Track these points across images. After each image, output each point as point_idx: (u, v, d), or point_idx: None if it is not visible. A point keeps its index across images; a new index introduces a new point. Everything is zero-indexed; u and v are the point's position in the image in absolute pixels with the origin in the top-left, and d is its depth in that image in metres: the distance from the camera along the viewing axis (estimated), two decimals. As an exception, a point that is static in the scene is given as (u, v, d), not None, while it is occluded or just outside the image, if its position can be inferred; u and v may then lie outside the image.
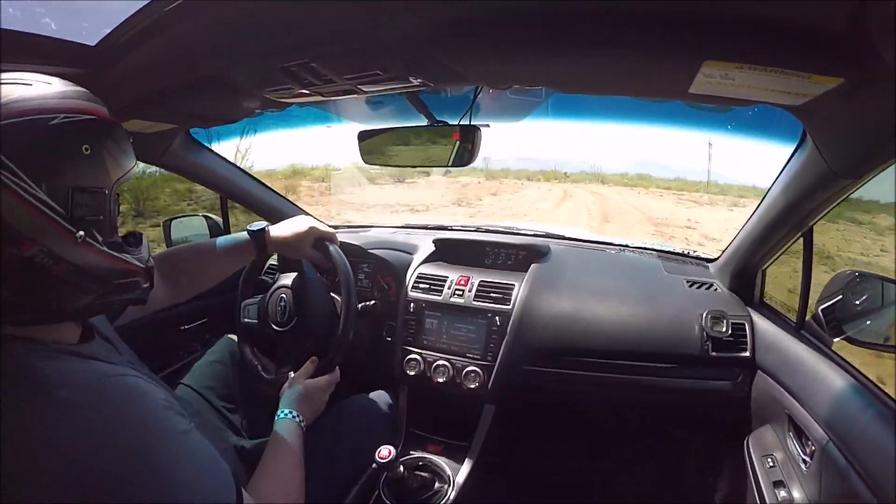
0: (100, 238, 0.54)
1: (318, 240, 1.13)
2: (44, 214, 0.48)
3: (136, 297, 0.64)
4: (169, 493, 0.49)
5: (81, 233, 0.51)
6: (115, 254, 0.57)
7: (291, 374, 1.05)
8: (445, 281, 1.43)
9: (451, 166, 0.98)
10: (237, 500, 0.56)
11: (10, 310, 0.49)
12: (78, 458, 0.45)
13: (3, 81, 0.49)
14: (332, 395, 1.09)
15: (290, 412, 0.92)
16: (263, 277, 1.39)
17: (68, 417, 0.46)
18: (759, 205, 1.10)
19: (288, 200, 1.82)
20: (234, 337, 1.26)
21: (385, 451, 0.96)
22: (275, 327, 1.17)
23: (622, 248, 1.68)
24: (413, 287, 1.45)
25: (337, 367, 1.08)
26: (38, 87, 0.51)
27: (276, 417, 0.91)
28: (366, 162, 1.10)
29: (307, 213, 1.89)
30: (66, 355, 0.52)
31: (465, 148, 0.94)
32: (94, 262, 0.53)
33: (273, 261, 1.65)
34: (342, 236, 1.62)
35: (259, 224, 1.08)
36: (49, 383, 0.47)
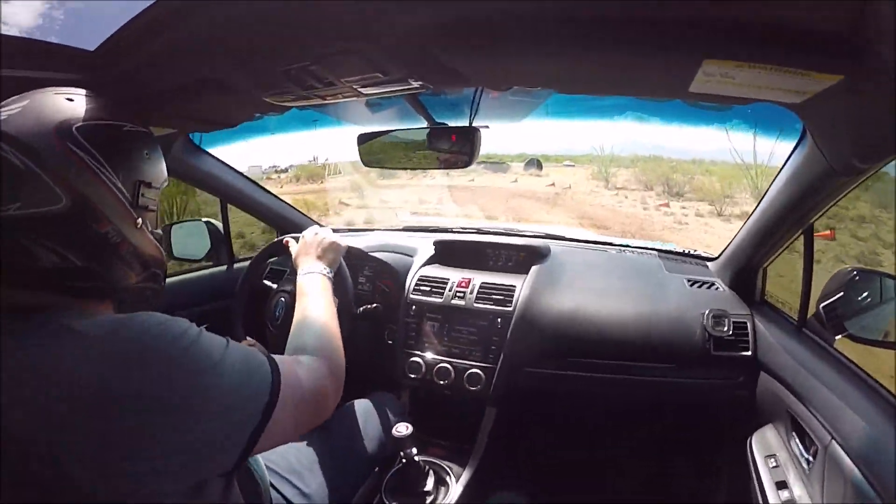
0: (150, 227, 0.64)
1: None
2: (118, 199, 0.58)
3: (153, 293, 0.69)
4: (217, 374, 0.53)
5: (140, 220, 0.61)
6: (157, 243, 0.66)
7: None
8: (446, 283, 1.43)
9: (450, 168, 0.98)
10: (275, 382, 0.59)
11: (77, 277, 0.56)
12: (141, 380, 0.48)
13: (77, 91, 0.59)
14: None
15: (310, 268, 0.95)
16: (264, 282, 1.39)
17: (91, 349, 0.49)
18: (760, 202, 1.10)
19: (288, 205, 1.82)
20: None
21: (402, 427, 0.97)
22: (275, 332, 1.17)
23: (623, 248, 1.68)
24: (414, 289, 1.45)
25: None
26: (107, 101, 0.61)
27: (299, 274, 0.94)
28: (365, 164, 1.10)
29: (303, 214, 1.89)
30: (93, 314, 0.56)
31: (465, 149, 0.94)
32: (145, 247, 0.63)
33: (273, 265, 1.65)
34: (342, 238, 1.62)
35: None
36: (73, 329, 0.50)
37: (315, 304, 0.85)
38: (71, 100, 0.57)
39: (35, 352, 0.48)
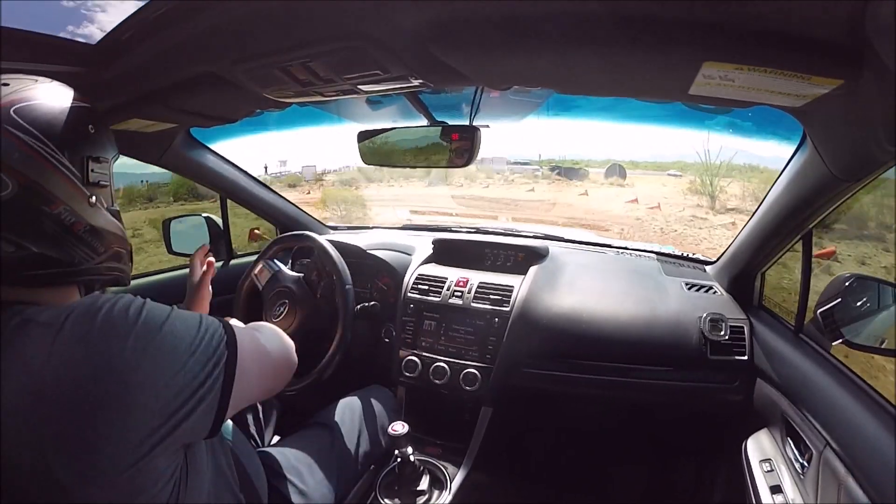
0: (105, 204, 0.63)
1: None
2: (67, 178, 0.56)
3: (122, 274, 0.69)
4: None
5: (93, 197, 0.60)
6: (116, 221, 0.65)
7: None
8: (444, 282, 1.43)
9: (451, 167, 0.98)
10: (230, 334, 0.59)
11: (36, 264, 0.55)
12: (105, 360, 0.49)
13: (12, 75, 0.57)
14: (333, 395, 1.09)
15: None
16: (264, 280, 1.39)
17: (55, 341, 0.49)
18: (759, 207, 1.10)
19: (288, 201, 1.82)
20: None
21: (398, 426, 0.97)
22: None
23: (621, 250, 1.68)
24: (412, 288, 1.45)
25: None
26: (43, 81, 0.60)
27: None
28: (365, 162, 1.10)
29: (303, 211, 1.89)
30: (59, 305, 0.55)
31: (465, 148, 0.94)
32: (102, 224, 0.62)
33: (274, 263, 1.65)
34: (341, 237, 1.62)
35: None
36: (38, 322, 0.51)
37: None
38: (7, 84, 0.55)
39: (5, 353, 0.48)
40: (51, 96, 0.58)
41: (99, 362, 0.48)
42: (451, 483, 1.19)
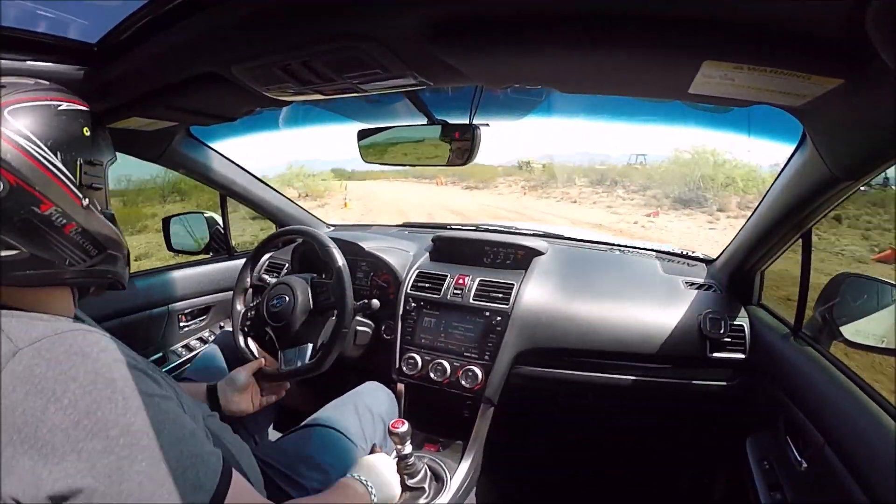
0: (99, 207, 0.63)
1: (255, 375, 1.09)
2: (59, 180, 0.57)
3: (117, 277, 0.68)
4: (121, 455, 0.47)
5: (87, 200, 0.60)
6: (110, 224, 0.65)
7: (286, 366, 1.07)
8: (444, 280, 1.43)
9: (450, 165, 0.98)
10: (221, 483, 0.54)
11: (26, 265, 0.55)
12: (28, 415, 0.45)
13: (7, 78, 0.58)
14: (332, 392, 1.09)
15: (367, 481, 0.85)
16: (263, 276, 1.39)
17: (21, 371, 0.47)
18: (759, 206, 1.10)
19: (287, 199, 1.83)
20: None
21: (399, 424, 0.97)
22: (273, 324, 1.17)
23: (621, 248, 1.68)
24: (412, 286, 1.45)
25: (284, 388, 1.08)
26: (38, 84, 0.60)
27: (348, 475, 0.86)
28: (365, 161, 1.10)
29: (302, 208, 1.90)
30: (40, 316, 0.55)
31: (465, 147, 0.94)
32: (95, 226, 0.61)
33: (273, 259, 1.66)
34: (341, 234, 1.62)
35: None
36: (11, 337, 0.50)
37: None
38: (3, 86, 0.55)
39: None
40: (46, 98, 0.58)
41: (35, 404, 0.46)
42: (450, 480, 1.20)
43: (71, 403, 0.46)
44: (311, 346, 1.16)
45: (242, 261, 1.32)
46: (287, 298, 1.17)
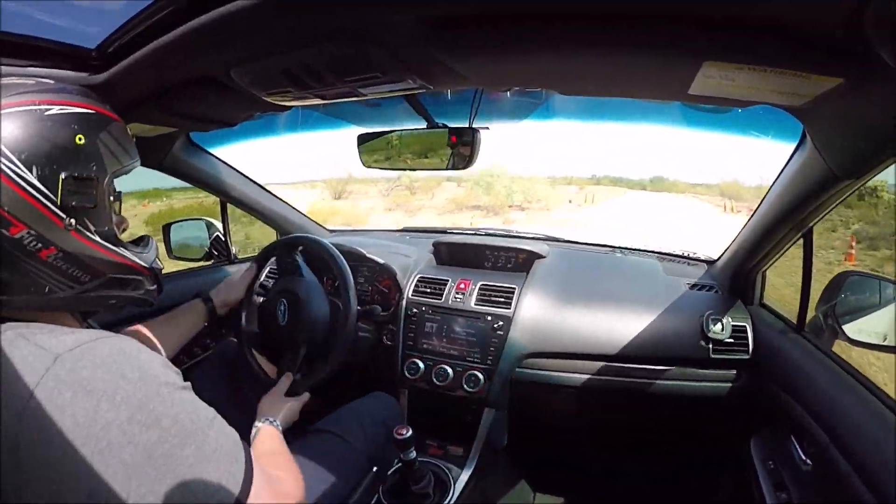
0: (92, 227, 0.56)
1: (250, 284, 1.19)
2: (33, 198, 0.50)
3: (141, 297, 0.65)
4: (174, 443, 0.48)
5: (72, 221, 0.53)
6: (110, 245, 0.58)
7: (288, 377, 1.05)
8: (445, 284, 1.43)
9: (450, 169, 0.98)
10: (247, 454, 0.55)
11: (2, 291, 0.51)
12: (79, 415, 0.45)
13: (6, 75, 0.53)
14: (335, 398, 1.08)
15: (266, 418, 0.91)
16: (264, 282, 1.38)
17: (66, 375, 0.47)
18: (759, 206, 1.10)
19: (289, 205, 1.82)
20: (236, 340, 1.25)
21: (404, 430, 0.97)
22: (275, 330, 1.17)
23: (622, 250, 1.68)
24: (413, 291, 1.45)
25: (307, 393, 1.08)
26: (38, 84, 0.54)
27: (253, 427, 0.89)
28: (365, 165, 1.10)
29: (304, 215, 1.89)
30: (59, 328, 0.53)
31: (465, 150, 0.94)
32: (84, 250, 0.55)
33: (273, 265, 1.65)
34: (341, 239, 1.62)
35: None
36: (43, 346, 0.48)
37: (272, 456, 0.79)
38: None
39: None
40: (34, 102, 0.51)
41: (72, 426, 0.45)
42: (454, 485, 1.19)
43: (123, 400, 0.47)
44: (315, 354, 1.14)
45: (243, 267, 1.31)
46: (286, 303, 1.17)
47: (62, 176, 0.52)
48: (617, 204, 16.60)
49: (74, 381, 0.47)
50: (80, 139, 0.54)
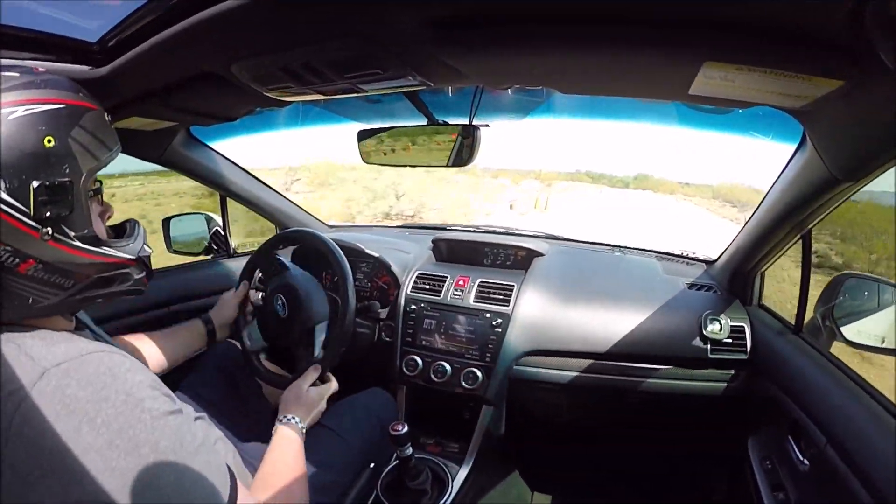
0: (71, 233, 0.53)
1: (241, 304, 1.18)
2: (4, 213, 0.47)
3: (130, 289, 0.64)
4: (152, 472, 0.47)
5: (48, 230, 0.50)
6: (91, 248, 0.56)
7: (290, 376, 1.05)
8: (444, 281, 1.43)
9: (451, 166, 0.98)
10: (232, 487, 0.55)
11: None
12: (60, 435, 0.45)
13: (7, 67, 0.50)
14: (331, 395, 1.09)
15: (291, 416, 0.92)
16: (263, 278, 1.38)
17: (50, 391, 0.46)
18: (759, 207, 1.10)
19: (288, 200, 1.82)
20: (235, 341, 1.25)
21: (399, 426, 0.97)
22: (280, 326, 1.17)
23: (621, 249, 1.68)
24: (412, 287, 1.45)
25: (334, 379, 1.08)
26: (8, 79, 0.50)
27: (276, 422, 0.91)
28: (365, 161, 1.10)
29: (303, 210, 1.90)
30: (52, 335, 0.53)
31: (465, 147, 0.94)
32: (65, 258, 0.53)
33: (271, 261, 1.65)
34: (341, 235, 1.62)
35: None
36: (33, 357, 0.48)
37: (283, 462, 0.81)
38: None
39: None
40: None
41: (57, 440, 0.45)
42: (452, 482, 1.20)
43: (104, 423, 0.46)
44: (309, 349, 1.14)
45: (243, 261, 1.31)
46: (289, 301, 1.17)
47: (33, 185, 0.48)
48: (585, 206, 14.03)
49: (58, 400, 0.46)
50: (48, 141, 0.49)
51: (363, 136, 1.05)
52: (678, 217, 12.92)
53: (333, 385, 1.06)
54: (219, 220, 1.69)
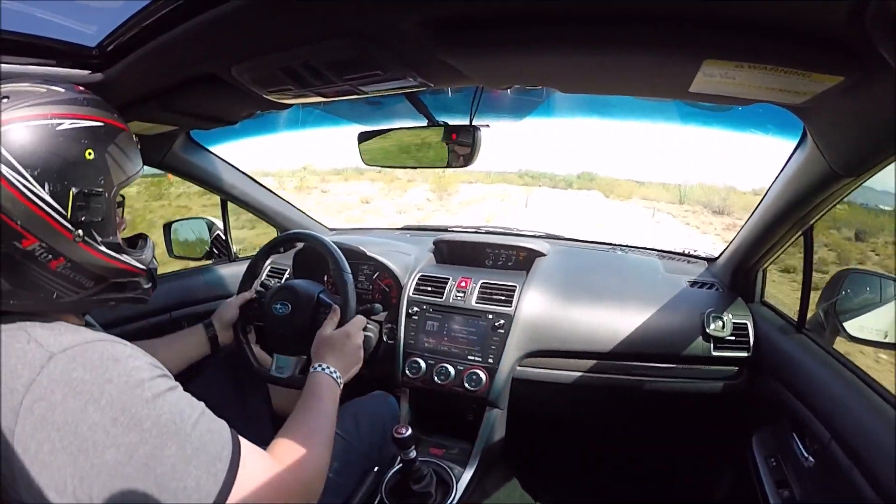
0: (98, 238, 0.58)
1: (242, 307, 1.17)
2: (45, 213, 0.52)
3: (137, 297, 0.69)
4: (155, 444, 0.50)
5: (80, 232, 0.56)
6: (114, 254, 0.61)
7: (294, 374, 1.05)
8: (446, 283, 1.43)
9: (451, 167, 0.98)
10: (234, 451, 0.57)
11: (11, 298, 0.54)
12: (68, 414, 0.48)
13: (17, 85, 0.54)
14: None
15: (318, 364, 0.87)
16: (265, 281, 1.39)
17: (58, 374, 0.49)
18: (760, 203, 1.10)
19: (289, 203, 1.82)
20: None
21: (403, 429, 0.97)
22: (277, 328, 1.17)
23: (623, 248, 1.68)
24: (414, 289, 1.45)
25: (358, 315, 1.06)
26: (49, 94, 0.55)
27: (309, 370, 0.87)
28: (365, 163, 1.10)
29: (304, 213, 1.90)
30: (60, 325, 0.56)
31: (465, 148, 0.94)
32: (91, 260, 0.58)
33: (274, 264, 1.65)
34: (342, 238, 1.62)
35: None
36: (42, 343, 0.51)
37: (311, 416, 0.78)
38: (6, 97, 0.51)
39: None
40: (47, 116, 0.52)
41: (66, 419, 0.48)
42: (456, 484, 1.19)
43: (108, 403, 0.50)
44: (304, 358, 1.14)
45: (244, 265, 1.31)
46: (290, 306, 1.16)
47: (73, 191, 0.54)
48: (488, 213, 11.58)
49: (65, 382, 0.49)
50: (89, 154, 0.55)
51: (363, 137, 1.05)
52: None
53: (359, 320, 1.02)
54: (220, 224, 1.69)
